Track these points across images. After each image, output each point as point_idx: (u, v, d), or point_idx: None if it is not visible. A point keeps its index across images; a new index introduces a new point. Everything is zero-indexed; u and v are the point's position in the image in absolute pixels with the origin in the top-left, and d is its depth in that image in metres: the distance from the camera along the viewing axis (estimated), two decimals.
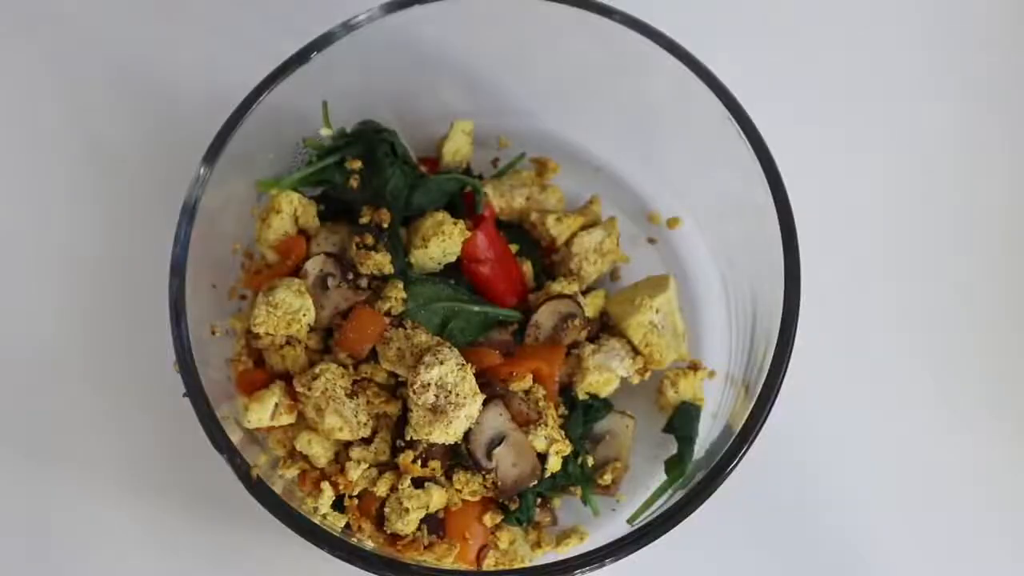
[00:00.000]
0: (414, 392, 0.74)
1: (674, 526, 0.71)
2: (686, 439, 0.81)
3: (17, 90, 0.97)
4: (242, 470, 0.71)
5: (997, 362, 0.91)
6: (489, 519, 0.78)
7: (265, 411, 0.76)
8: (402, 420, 0.77)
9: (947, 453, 0.88)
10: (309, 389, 0.76)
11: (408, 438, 0.75)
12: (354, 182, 0.81)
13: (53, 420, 0.89)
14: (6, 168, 0.95)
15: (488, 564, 0.79)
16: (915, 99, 0.98)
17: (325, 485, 0.77)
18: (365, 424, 0.77)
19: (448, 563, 0.77)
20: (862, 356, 0.90)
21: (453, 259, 0.82)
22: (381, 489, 0.77)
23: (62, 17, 0.98)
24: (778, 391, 0.72)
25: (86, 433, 0.88)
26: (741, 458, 0.72)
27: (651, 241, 0.91)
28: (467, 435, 0.76)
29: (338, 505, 0.78)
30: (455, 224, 0.81)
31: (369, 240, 0.80)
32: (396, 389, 0.79)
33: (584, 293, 0.85)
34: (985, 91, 0.98)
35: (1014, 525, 0.87)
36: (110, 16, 0.98)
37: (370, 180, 0.82)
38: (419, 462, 0.76)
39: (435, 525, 0.78)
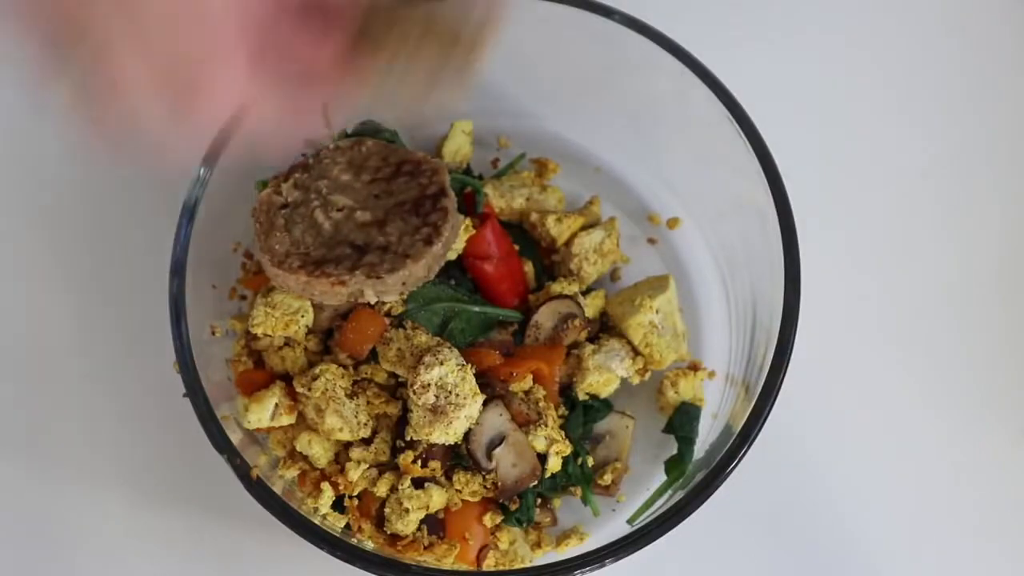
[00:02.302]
0: (414, 392, 0.74)
1: (674, 526, 0.71)
2: (686, 439, 0.81)
3: (15, 89, 0.97)
4: (242, 470, 0.71)
5: (997, 362, 0.91)
6: (489, 519, 0.78)
7: (265, 412, 0.76)
8: (402, 420, 0.77)
9: (947, 453, 0.88)
10: (309, 390, 0.76)
11: (408, 438, 0.75)
12: None
13: (52, 420, 0.88)
14: (6, 168, 0.95)
15: (488, 564, 0.79)
16: (916, 99, 0.98)
17: (325, 485, 0.77)
18: (365, 424, 0.77)
19: (448, 563, 0.77)
20: (862, 356, 0.90)
21: (455, 256, 0.82)
22: (381, 489, 0.77)
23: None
24: (778, 391, 0.72)
25: (85, 433, 0.88)
26: (741, 458, 0.72)
27: (651, 241, 0.91)
28: (467, 435, 0.76)
29: (338, 505, 0.78)
30: (461, 220, 0.81)
31: None
32: (396, 390, 0.79)
33: (584, 293, 0.85)
34: (986, 91, 0.98)
35: (1014, 525, 0.87)
36: None
37: None
38: (419, 462, 0.76)
39: (435, 525, 0.78)
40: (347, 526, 0.78)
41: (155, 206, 0.89)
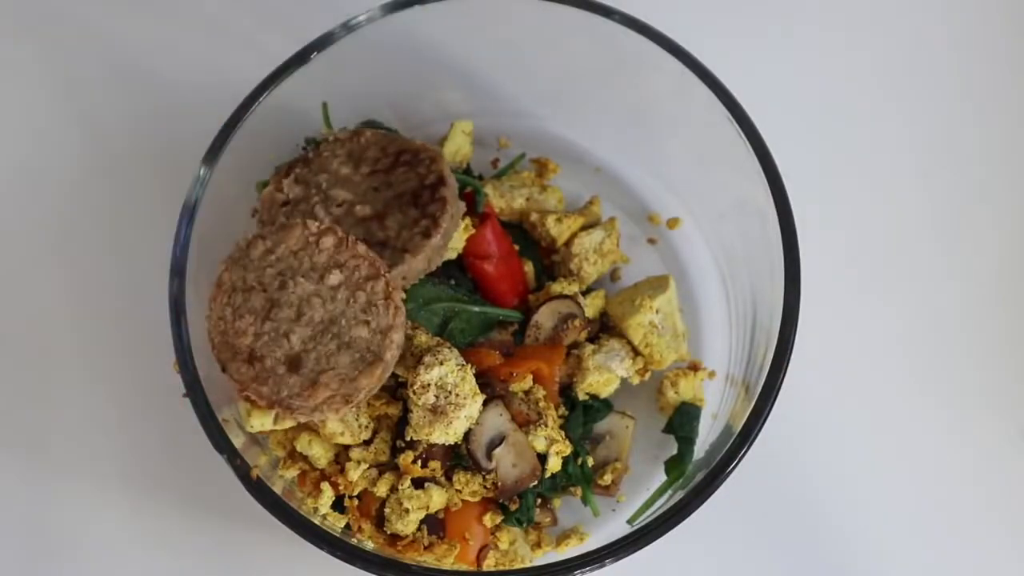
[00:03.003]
0: (414, 392, 0.74)
1: (674, 526, 0.71)
2: (686, 439, 0.81)
3: (17, 90, 0.97)
4: (242, 470, 0.71)
5: (997, 361, 0.91)
6: (489, 519, 0.78)
7: (267, 416, 0.76)
8: (402, 421, 0.77)
9: (947, 453, 0.88)
10: None
11: (408, 438, 0.75)
12: None
13: (53, 420, 0.88)
14: (6, 168, 0.95)
15: (488, 564, 0.79)
16: (915, 99, 0.98)
17: (325, 485, 0.77)
18: (366, 427, 0.77)
19: (448, 563, 0.77)
20: (862, 356, 0.90)
21: (455, 255, 0.82)
22: (381, 489, 0.77)
23: (62, 17, 0.98)
24: (778, 391, 0.72)
25: (86, 433, 0.88)
26: (741, 458, 0.72)
27: (651, 241, 0.91)
28: (467, 435, 0.76)
29: (338, 505, 0.78)
30: (461, 207, 0.81)
31: None
32: (396, 390, 0.79)
33: (584, 293, 0.85)
34: (986, 91, 0.98)
35: (1014, 525, 0.87)
36: (110, 16, 0.98)
37: None
38: (419, 462, 0.76)
39: (435, 525, 0.78)
40: (347, 526, 0.78)
41: (155, 206, 0.89)
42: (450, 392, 0.74)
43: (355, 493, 0.78)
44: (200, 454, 0.74)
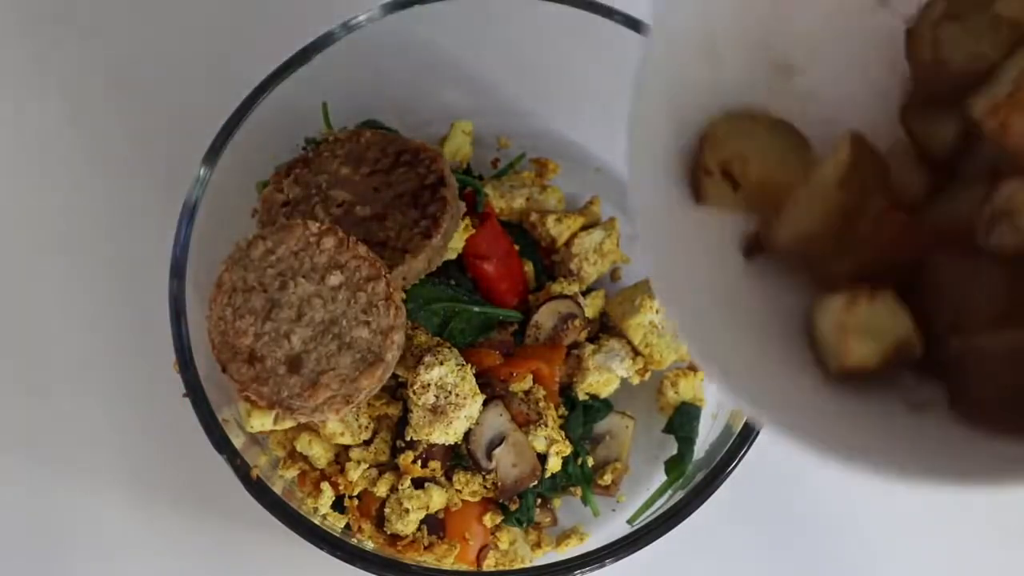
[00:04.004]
0: (414, 393, 0.74)
1: (674, 526, 0.71)
2: (686, 439, 0.81)
3: (17, 90, 0.97)
4: (242, 470, 0.71)
5: None
6: (489, 519, 0.78)
7: (267, 416, 0.76)
8: (402, 421, 0.77)
9: None
10: None
11: (408, 438, 0.75)
12: None
13: (52, 420, 0.89)
14: (6, 168, 0.95)
15: (488, 564, 0.79)
16: None
17: (325, 485, 0.77)
18: (366, 427, 0.77)
19: (448, 564, 0.77)
20: None
21: (454, 256, 0.82)
22: (381, 490, 0.77)
23: (62, 17, 0.98)
24: None
25: (85, 433, 0.88)
26: (741, 458, 0.72)
27: None
28: (467, 435, 0.76)
29: (338, 505, 0.78)
30: (461, 207, 0.81)
31: None
32: (396, 390, 0.79)
33: (584, 293, 0.85)
34: None
35: (1014, 525, 0.87)
36: (110, 16, 0.98)
37: None
38: (419, 463, 0.76)
39: (435, 525, 0.78)
40: (347, 526, 0.78)
41: (155, 206, 0.89)
42: (450, 392, 0.74)
43: (355, 493, 0.78)
44: (200, 454, 0.74)
